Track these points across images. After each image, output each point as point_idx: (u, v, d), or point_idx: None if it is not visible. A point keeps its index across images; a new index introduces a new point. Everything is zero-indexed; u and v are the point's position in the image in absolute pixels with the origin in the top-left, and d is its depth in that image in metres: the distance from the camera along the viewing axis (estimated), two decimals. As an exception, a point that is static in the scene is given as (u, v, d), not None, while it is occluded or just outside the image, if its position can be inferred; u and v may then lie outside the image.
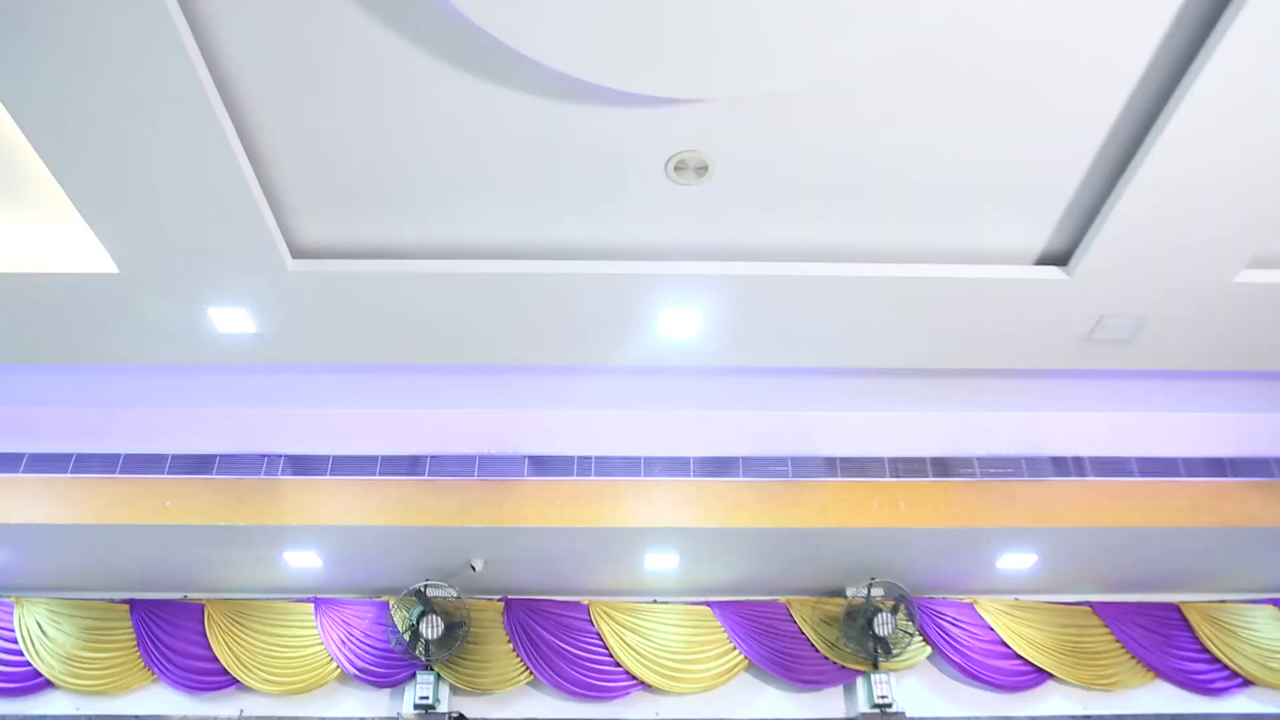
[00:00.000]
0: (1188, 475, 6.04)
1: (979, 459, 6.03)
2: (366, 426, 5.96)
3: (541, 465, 5.92)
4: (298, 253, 4.64)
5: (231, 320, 4.96)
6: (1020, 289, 4.77)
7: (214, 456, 5.99)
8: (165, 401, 6.02)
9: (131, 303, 4.80)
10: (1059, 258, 4.73)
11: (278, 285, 4.69)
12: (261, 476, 5.92)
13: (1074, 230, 4.55)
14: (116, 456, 5.99)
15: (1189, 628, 6.68)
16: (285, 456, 5.97)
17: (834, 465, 5.97)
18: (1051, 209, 4.43)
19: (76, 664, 6.43)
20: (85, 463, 5.97)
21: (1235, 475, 6.04)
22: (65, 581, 6.60)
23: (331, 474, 5.89)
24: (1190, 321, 5.01)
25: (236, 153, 3.91)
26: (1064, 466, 6.03)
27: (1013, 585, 6.65)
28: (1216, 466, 6.08)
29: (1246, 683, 6.57)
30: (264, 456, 5.98)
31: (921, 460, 6.00)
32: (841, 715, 6.47)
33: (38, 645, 6.46)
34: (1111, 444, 6.10)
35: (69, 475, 5.93)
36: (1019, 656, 6.50)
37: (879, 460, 5.98)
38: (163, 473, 5.94)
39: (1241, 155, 3.93)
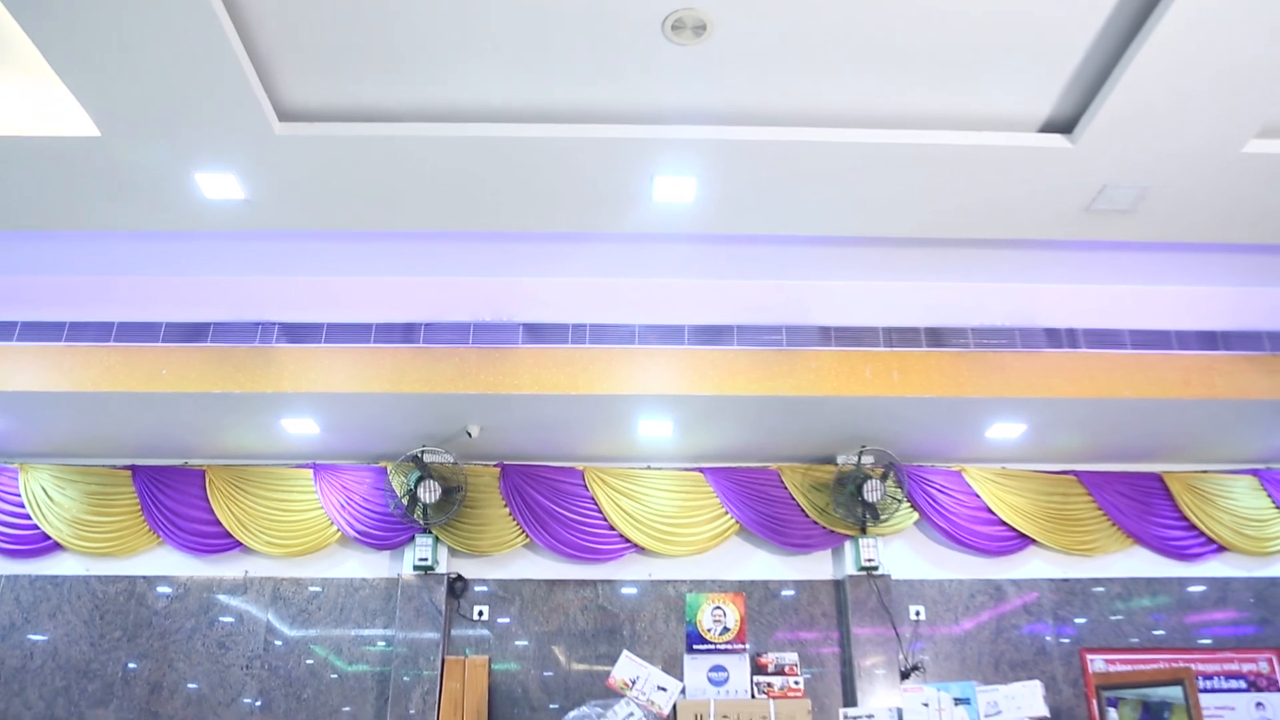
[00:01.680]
0: (1180, 348, 6.06)
1: (973, 329, 6.04)
2: (360, 294, 5.93)
3: (536, 333, 5.93)
4: (284, 115, 4.52)
5: (219, 186, 4.87)
6: (1023, 157, 4.69)
7: (208, 325, 5.97)
8: (158, 269, 5.97)
9: (115, 167, 4.71)
10: (1064, 125, 4.62)
11: (265, 149, 4.59)
12: (256, 344, 5.91)
13: (1081, 96, 4.44)
14: (110, 325, 5.97)
15: (1169, 496, 6.84)
16: (279, 324, 5.95)
17: (828, 334, 5.98)
18: (1059, 73, 4.30)
19: (83, 527, 6.58)
20: (79, 331, 5.95)
21: (1227, 348, 6.07)
22: (67, 448, 6.69)
23: (326, 342, 5.89)
24: (1193, 192, 4.95)
25: (217, 9, 3.75)
26: (1057, 338, 6.05)
27: (1001, 454, 6.77)
28: (1209, 339, 6.10)
29: (1220, 549, 6.77)
30: (258, 324, 5.96)
31: (916, 330, 6.01)
32: (829, 577, 6.68)
33: (44, 509, 6.59)
34: (1105, 316, 6.10)
35: (63, 344, 5.92)
36: (1003, 522, 6.68)
37: (873, 330, 5.98)
38: (157, 341, 5.93)
39: (1257, 20, 3.80)
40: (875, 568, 6.47)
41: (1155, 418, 6.22)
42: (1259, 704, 6.41)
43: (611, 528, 6.58)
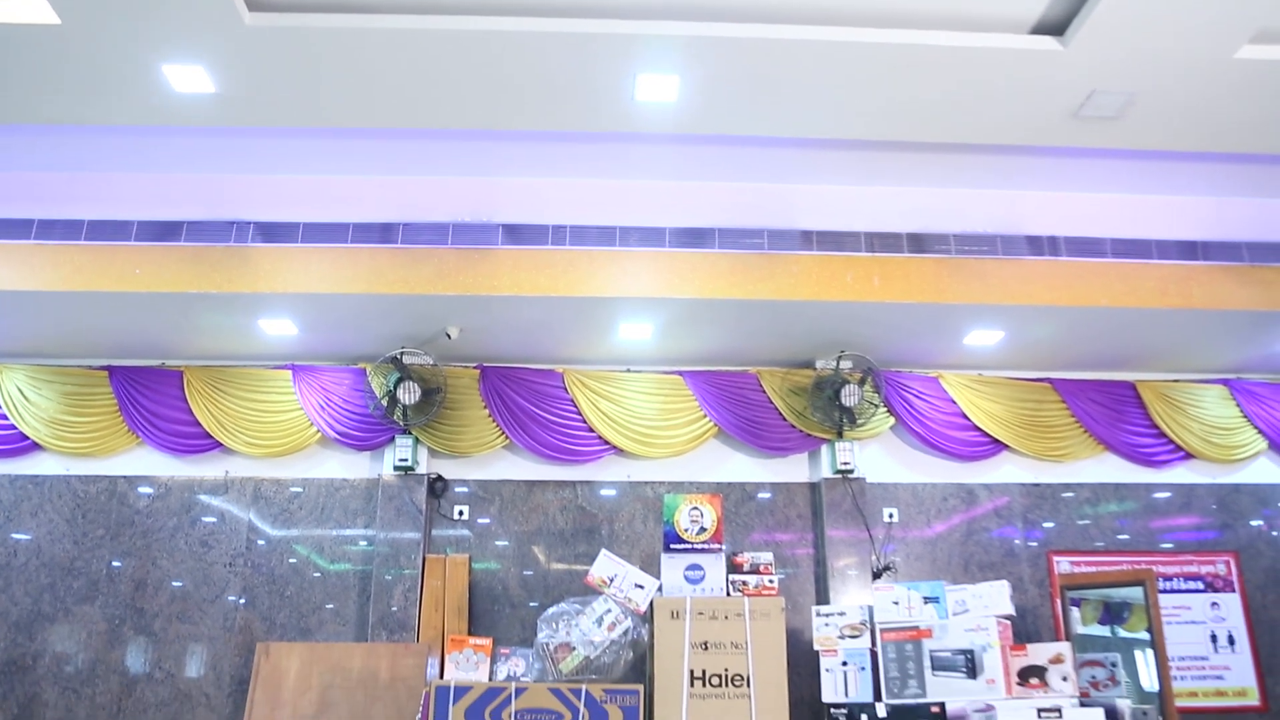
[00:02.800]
0: (1160, 258, 6.08)
1: (955, 236, 6.03)
2: (337, 192, 5.81)
3: (516, 234, 5.86)
4: (255, 5, 4.35)
5: (188, 79, 4.72)
6: (1012, 59, 4.60)
7: (181, 223, 5.87)
8: (127, 166, 5.80)
9: (77, 58, 4.53)
10: (1055, 26, 4.52)
11: (234, 40, 4.43)
12: (231, 244, 5.83)
13: (1075, -4, 4.34)
14: (80, 223, 5.86)
15: (1141, 404, 6.95)
16: (254, 223, 5.86)
17: (809, 238, 5.95)
18: (1053, -30, 4.20)
19: (61, 427, 6.56)
20: (48, 229, 5.84)
21: (1206, 259, 6.09)
22: (41, 348, 6.62)
23: (303, 241, 5.80)
24: (1182, 99, 4.88)
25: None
26: (1039, 245, 6.05)
27: (978, 361, 6.83)
28: (1189, 250, 6.12)
29: (1188, 456, 6.91)
30: (233, 223, 5.87)
31: (898, 235, 5.99)
32: (805, 480, 6.79)
33: (20, 410, 6.56)
34: (1088, 224, 6.09)
35: (32, 242, 5.81)
36: (977, 428, 6.77)
37: (855, 234, 5.96)
38: (129, 240, 5.83)
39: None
40: (851, 471, 6.57)
41: (1132, 327, 6.27)
42: (1214, 604, 6.65)
43: (591, 430, 6.63)
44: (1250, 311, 6.04)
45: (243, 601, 6.37)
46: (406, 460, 6.45)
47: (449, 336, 6.27)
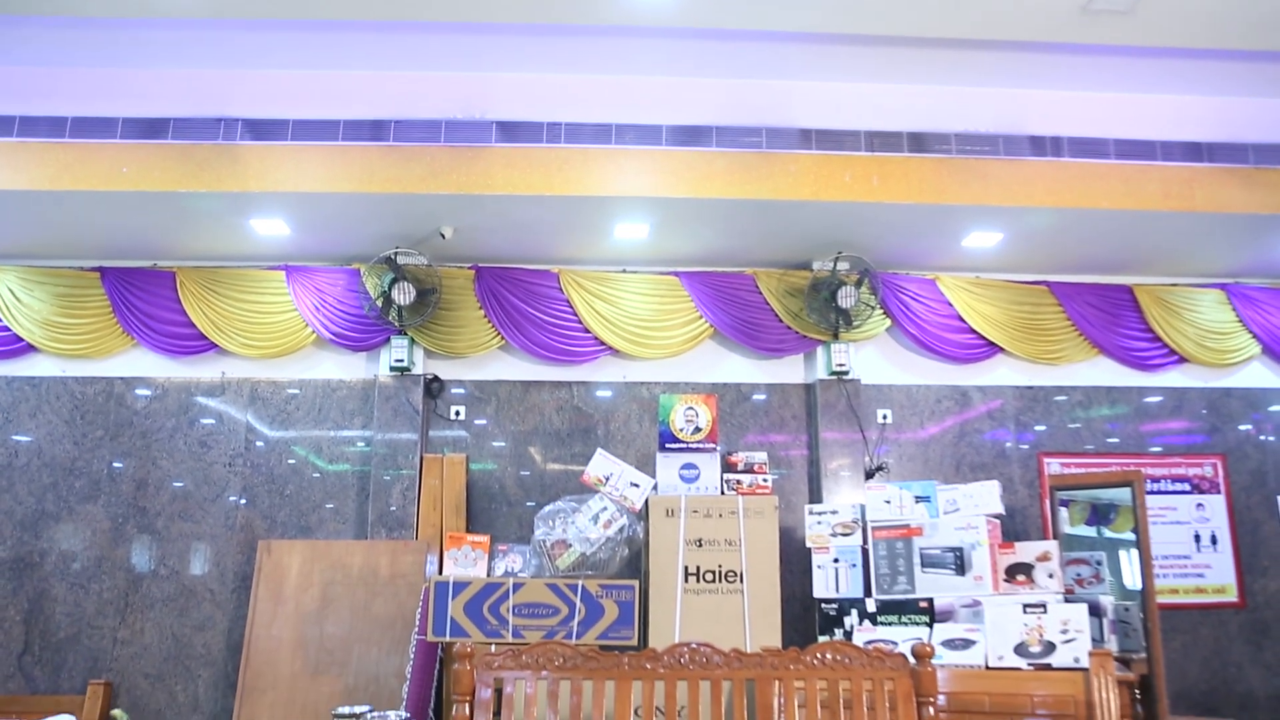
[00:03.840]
0: (1164, 159, 5.99)
1: (956, 135, 5.91)
2: (326, 89, 5.67)
3: (510, 131, 5.75)
4: (233, -115, 4.19)
5: (167, -34, 4.57)
6: (1021, -52, 4.46)
7: (168, 120, 5.74)
8: (111, 60, 5.65)
9: (53, -59, 4.38)
10: (1067, -88, 4.38)
11: (214, -77, 4.28)
12: (219, 141, 5.71)
13: (1089, -120, 4.17)
14: (64, 119, 5.72)
15: (1137, 308, 6.94)
16: (243, 120, 5.73)
17: (808, 137, 5.84)
18: None
19: (55, 329, 6.54)
20: (31, 126, 5.71)
21: (1211, 160, 6.00)
22: (31, 249, 6.54)
23: (292, 139, 5.69)
24: (1198, -10, 4.76)
25: None
26: (1041, 146, 5.95)
27: (976, 263, 6.78)
28: (1193, 151, 6.02)
29: (1181, 360, 6.93)
30: (220, 120, 5.74)
31: (898, 135, 5.87)
32: (800, 381, 6.82)
33: (14, 311, 6.53)
34: (1092, 124, 5.98)
35: (14, 139, 5.68)
36: (973, 331, 6.77)
37: (854, 133, 5.85)
38: (115, 137, 5.71)
39: None
40: (846, 372, 6.59)
41: (1132, 229, 6.22)
42: (1199, 505, 6.77)
43: (586, 330, 6.62)
44: (1252, 215, 5.98)
45: (243, 501, 6.46)
46: (402, 361, 6.46)
47: (443, 236, 6.20)
